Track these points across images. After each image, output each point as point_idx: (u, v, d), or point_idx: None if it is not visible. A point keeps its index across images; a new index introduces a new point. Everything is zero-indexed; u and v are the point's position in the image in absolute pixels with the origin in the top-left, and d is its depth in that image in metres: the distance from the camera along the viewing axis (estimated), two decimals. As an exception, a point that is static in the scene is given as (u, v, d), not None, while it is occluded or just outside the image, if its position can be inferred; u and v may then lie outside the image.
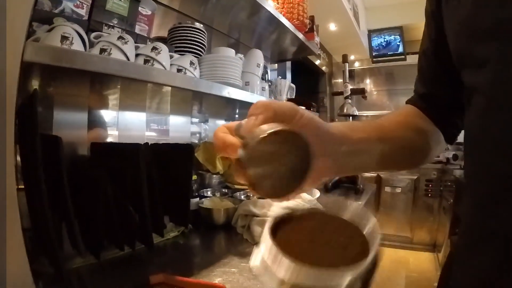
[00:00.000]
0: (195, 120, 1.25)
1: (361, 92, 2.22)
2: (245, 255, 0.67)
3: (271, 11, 1.15)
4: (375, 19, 3.20)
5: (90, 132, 0.81)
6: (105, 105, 0.89)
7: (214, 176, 1.07)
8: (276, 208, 0.77)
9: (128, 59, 0.65)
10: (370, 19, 3.25)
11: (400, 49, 3.22)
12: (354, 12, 2.59)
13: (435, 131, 0.43)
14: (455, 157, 2.51)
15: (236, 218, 0.81)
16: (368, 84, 3.65)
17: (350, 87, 1.65)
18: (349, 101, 1.62)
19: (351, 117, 1.91)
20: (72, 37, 0.58)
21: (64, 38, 0.56)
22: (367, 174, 2.90)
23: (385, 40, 3.22)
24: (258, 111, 0.24)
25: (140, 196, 0.58)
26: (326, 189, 1.40)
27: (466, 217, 0.34)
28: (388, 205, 2.93)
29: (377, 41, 3.28)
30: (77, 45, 0.59)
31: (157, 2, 0.96)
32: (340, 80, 3.54)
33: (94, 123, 0.83)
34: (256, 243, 0.71)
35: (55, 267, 0.55)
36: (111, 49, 0.64)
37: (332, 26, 2.47)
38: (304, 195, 0.91)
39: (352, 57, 3.45)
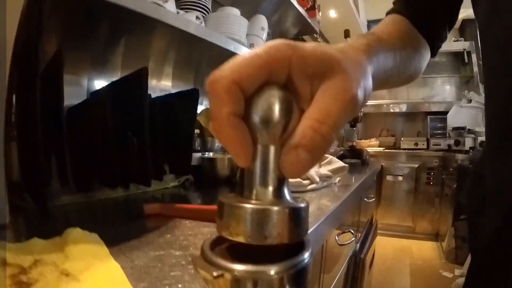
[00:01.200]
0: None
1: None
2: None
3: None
4: (374, 10, 3.22)
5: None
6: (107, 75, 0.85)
7: (217, 140, 1.06)
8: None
9: None
10: (369, 10, 3.27)
11: (399, 40, 3.23)
12: (354, 0, 2.60)
13: (424, 42, 0.41)
14: (457, 142, 2.50)
15: (243, 170, 0.80)
16: (368, 76, 3.65)
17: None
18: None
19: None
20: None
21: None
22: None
23: (385, 30, 3.23)
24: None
25: (140, 126, 0.54)
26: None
27: (491, 120, 0.34)
28: (390, 194, 2.91)
29: (376, 32, 3.29)
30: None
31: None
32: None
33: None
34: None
35: (38, 202, 0.49)
36: (117, -13, 0.63)
37: (332, 13, 2.48)
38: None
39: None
